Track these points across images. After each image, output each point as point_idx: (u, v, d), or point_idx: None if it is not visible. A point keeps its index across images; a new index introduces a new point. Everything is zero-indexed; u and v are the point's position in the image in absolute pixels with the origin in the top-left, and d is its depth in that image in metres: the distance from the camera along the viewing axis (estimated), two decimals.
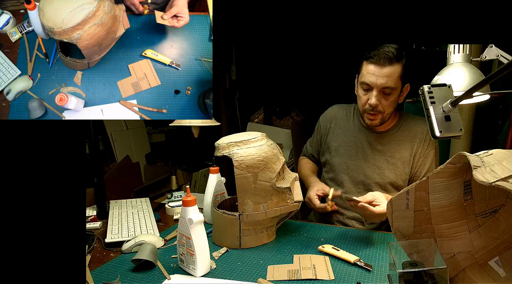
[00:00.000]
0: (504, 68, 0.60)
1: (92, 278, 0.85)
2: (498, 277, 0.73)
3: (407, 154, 1.20)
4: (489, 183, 0.56)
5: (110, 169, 2.89)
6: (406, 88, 1.19)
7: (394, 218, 0.79)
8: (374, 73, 1.12)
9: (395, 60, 1.11)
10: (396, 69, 1.11)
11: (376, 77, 1.12)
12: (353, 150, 1.28)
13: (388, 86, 1.12)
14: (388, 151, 1.22)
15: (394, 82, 1.12)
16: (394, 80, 1.12)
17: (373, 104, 1.15)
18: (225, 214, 1.01)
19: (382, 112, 1.17)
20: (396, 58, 1.11)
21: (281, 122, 3.07)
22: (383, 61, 1.10)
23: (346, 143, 1.30)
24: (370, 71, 1.13)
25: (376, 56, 1.11)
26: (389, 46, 1.13)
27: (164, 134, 3.74)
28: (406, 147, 1.21)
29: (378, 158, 1.23)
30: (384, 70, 1.11)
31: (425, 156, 1.20)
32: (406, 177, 1.21)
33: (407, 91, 1.20)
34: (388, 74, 1.11)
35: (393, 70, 1.11)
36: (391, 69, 1.11)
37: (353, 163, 1.26)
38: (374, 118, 1.19)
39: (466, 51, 0.98)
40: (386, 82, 1.12)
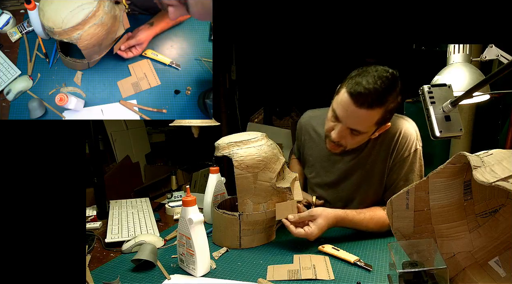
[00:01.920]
0: (504, 68, 0.60)
1: (92, 278, 0.85)
2: (498, 277, 0.73)
3: (382, 165, 1.09)
4: (489, 183, 0.56)
5: (110, 169, 2.89)
6: (384, 127, 1.03)
7: (394, 218, 0.79)
8: (347, 109, 0.95)
9: (376, 105, 0.92)
10: (374, 114, 0.94)
11: (347, 115, 0.96)
12: (328, 166, 1.18)
13: (358, 130, 0.98)
14: (363, 167, 1.11)
15: (366, 127, 0.98)
16: (367, 125, 0.98)
17: (334, 140, 1.03)
18: (225, 214, 1.01)
19: (344, 146, 1.05)
20: (378, 102, 0.92)
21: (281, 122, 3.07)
22: (360, 101, 0.92)
23: (321, 159, 1.20)
24: (344, 104, 0.96)
25: (356, 93, 0.92)
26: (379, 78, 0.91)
27: (164, 134, 3.75)
28: (379, 157, 1.09)
29: (353, 173, 1.14)
30: (358, 112, 0.94)
31: (400, 162, 1.07)
32: (382, 189, 1.12)
33: (385, 128, 1.04)
34: (361, 118, 0.95)
35: (369, 115, 0.94)
36: (368, 113, 0.94)
37: (330, 180, 1.19)
38: (333, 148, 1.08)
39: (466, 51, 0.98)
40: (356, 125, 0.98)
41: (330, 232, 1.10)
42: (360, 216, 1.04)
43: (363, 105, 0.92)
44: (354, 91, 0.92)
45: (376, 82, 0.91)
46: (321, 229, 0.98)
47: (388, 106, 0.95)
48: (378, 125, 0.99)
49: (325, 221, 0.98)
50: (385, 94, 0.92)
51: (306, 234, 0.96)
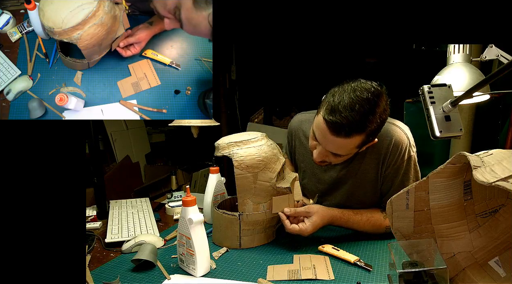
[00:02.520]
0: (504, 68, 0.60)
1: (92, 278, 0.85)
2: (498, 277, 0.73)
3: (373, 173, 1.06)
4: (489, 183, 0.56)
5: (110, 169, 2.89)
6: (370, 144, 0.97)
7: (394, 218, 0.79)
8: (324, 136, 0.91)
9: (355, 133, 0.87)
10: (353, 141, 0.90)
11: (325, 141, 0.93)
12: (319, 173, 1.16)
13: (339, 154, 0.95)
14: (354, 174, 1.08)
15: (346, 151, 0.94)
16: (347, 150, 0.94)
17: (315, 161, 1.00)
18: (225, 214, 1.01)
19: (329, 163, 1.02)
20: (357, 130, 0.87)
21: (281, 122, 3.07)
22: (337, 132, 0.87)
23: (312, 165, 1.16)
24: (322, 131, 0.91)
25: (332, 122, 0.86)
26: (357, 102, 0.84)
27: (164, 134, 3.75)
28: (371, 164, 1.05)
29: (345, 181, 1.10)
30: (336, 140, 0.89)
31: (394, 171, 1.03)
32: (377, 195, 1.09)
33: (372, 143, 0.98)
34: (340, 145, 0.91)
35: (348, 142, 0.90)
36: (346, 141, 0.89)
37: (321, 187, 1.16)
38: (319, 163, 1.03)
39: (466, 51, 0.98)
40: (336, 150, 0.94)
41: (330, 232, 1.10)
42: (357, 217, 1.04)
43: (340, 134, 0.87)
44: (330, 120, 0.87)
45: (354, 108, 0.84)
46: (316, 226, 0.98)
47: (369, 130, 0.89)
48: (360, 147, 0.95)
49: (320, 219, 0.98)
50: (364, 121, 0.86)
51: (300, 230, 0.96)
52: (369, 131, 0.89)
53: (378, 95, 0.87)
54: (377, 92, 0.88)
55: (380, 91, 0.88)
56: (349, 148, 0.93)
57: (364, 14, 0.83)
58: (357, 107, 0.84)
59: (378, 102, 0.87)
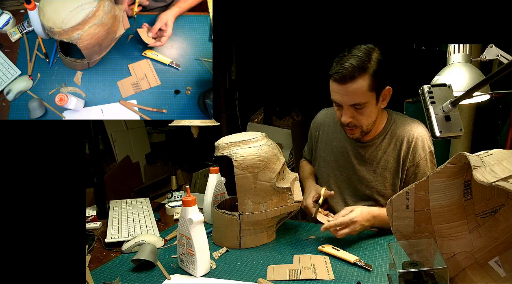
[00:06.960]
0: (504, 68, 0.60)
1: (92, 278, 0.85)
2: (498, 277, 0.73)
3: (394, 162, 1.12)
4: (489, 183, 0.56)
5: (110, 169, 2.89)
6: (385, 92, 1.08)
7: (394, 218, 0.79)
8: (338, 92, 1.04)
9: (357, 74, 0.99)
10: (361, 83, 1.00)
11: (341, 96, 1.04)
12: (340, 161, 1.21)
13: (356, 102, 1.03)
14: (375, 161, 1.14)
15: (361, 97, 1.03)
16: (361, 95, 1.02)
17: (345, 122, 1.08)
18: (225, 214, 1.01)
19: (360, 126, 1.09)
20: (359, 71, 0.99)
21: (281, 122, 3.07)
22: (343, 79, 1.00)
23: (333, 153, 1.23)
24: (334, 89, 1.05)
25: (336, 73, 1.01)
26: (351, 57, 1.00)
27: (164, 134, 3.74)
28: (392, 155, 1.12)
29: (365, 169, 1.16)
30: (347, 88, 1.01)
31: (416, 165, 1.10)
32: (396, 187, 1.12)
33: (389, 94, 1.09)
34: (352, 91, 1.01)
35: (357, 86, 1.00)
36: (354, 85, 1.00)
37: (341, 174, 1.21)
38: (352, 132, 1.12)
39: (466, 51, 0.98)
40: (353, 100, 1.03)
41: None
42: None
43: (346, 80, 1.00)
44: (334, 74, 1.02)
45: (349, 60, 1.00)
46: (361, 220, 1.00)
47: (370, 71, 1.00)
48: (374, 90, 1.03)
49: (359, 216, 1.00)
50: (362, 63, 0.99)
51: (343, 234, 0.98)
52: (372, 72, 1.00)
53: (372, 48, 1.03)
54: (369, 48, 1.03)
55: (372, 48, 1.03)
56: (362, 92, 1.01)
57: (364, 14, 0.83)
58: (352, 59, 1.00)
59: (372, 51, 1.02)
